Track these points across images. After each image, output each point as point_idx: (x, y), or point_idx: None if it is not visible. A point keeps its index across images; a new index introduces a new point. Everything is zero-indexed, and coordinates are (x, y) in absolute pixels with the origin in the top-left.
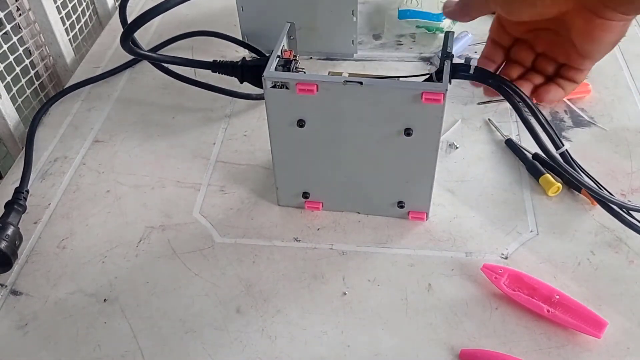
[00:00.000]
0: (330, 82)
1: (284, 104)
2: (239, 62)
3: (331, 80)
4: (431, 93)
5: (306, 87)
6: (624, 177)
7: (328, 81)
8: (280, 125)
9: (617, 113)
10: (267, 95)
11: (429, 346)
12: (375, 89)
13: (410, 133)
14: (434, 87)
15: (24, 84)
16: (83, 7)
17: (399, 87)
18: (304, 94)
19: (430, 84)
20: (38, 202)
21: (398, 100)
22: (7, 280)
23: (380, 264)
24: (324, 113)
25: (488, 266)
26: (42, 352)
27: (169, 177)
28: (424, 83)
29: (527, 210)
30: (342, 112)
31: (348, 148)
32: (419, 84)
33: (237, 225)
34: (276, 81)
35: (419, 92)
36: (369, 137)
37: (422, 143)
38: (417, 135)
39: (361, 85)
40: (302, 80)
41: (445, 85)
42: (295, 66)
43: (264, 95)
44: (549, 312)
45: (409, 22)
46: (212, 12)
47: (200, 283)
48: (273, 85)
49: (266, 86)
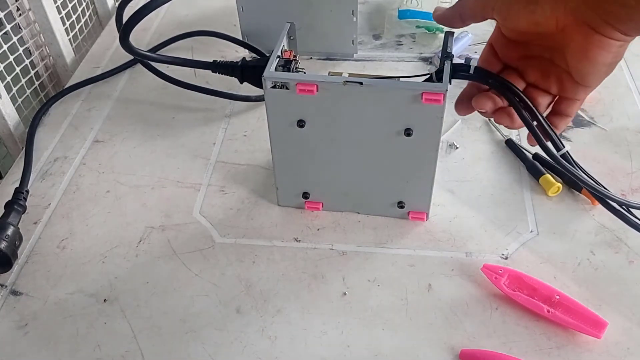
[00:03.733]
0: (330, 82)
1: (284, 104)
2: (239, 63)
3: (331, 80)
4: (431, 93)
5: (306, 88)
6: (624, 177)
7: (328, 81)
8: (280, 126)
9: (617, 113)
10: (267, 95)
11: (429, 346)
12: (375, 89)
13: (410, 133)
14: (434, 87)
15: (24, 84)
16: (83, 7)
17: (398, 87)
18: (304, 94)
19: (431, 84)
20: (38, 202)
21: (398, 100)
22: (7, 281)
23: (381, 264)
24: (324, 113)
25: (488, 266)
26: (42, 352)
27: (169, 177)
28: (424, 83)
29: (527, 210)
30: (342, 112)
31: (348, 148)
32: (419, 84)
33: (237, 226)
34: (276, 81)
35: (419, 93)
36: (369, 137)
37: (422, 143)
38: (417, 136)
39: (361, 85)
40: (302, 80)
41: (446, 85)
42: (295, 66)
43: (264, 96)
44: (549, 313)
45: (409, 22)
46: (212, 12)
47: (200, 283)
48: (273, 86)
49: (266, 86)
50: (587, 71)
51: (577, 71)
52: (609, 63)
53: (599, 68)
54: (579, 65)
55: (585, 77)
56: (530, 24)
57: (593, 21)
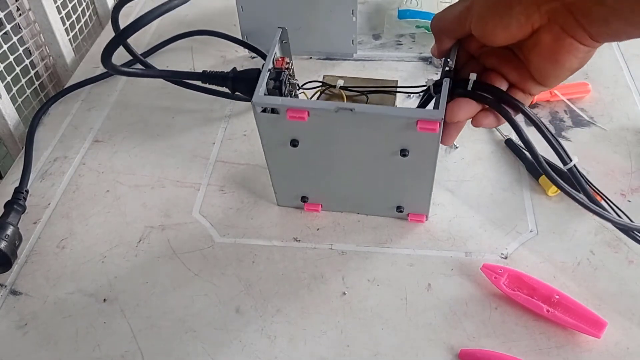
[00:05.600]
0: (321, 109)
1: (275, 127)
2: (230, 73)
3: (322, 107)
4: (426, 122)
5: (297, 114)
6: (624, 177)
7: (319, 107)
8: (273, 145)
9: (616, 113)
10: (257, 118)
11: (429, 346)
12: (367, 116)
13: (406, 154)
14: (429, 115)
15: (24, 84)
16: (83, 7)
17: (392, 114)
18: (295, 120)
19: (426, 111)
20: (38, 202)
21: (392, 127)
22: (6, 280)
23: (380, 264)
24: (317, 136)
25: (488, 266)
26: (42, 352)
27: (169, 176)
28: (419, 110)
29: (526, 210)
30: (335, 135)
31: (343, 165)
32: (413, 112)
33: (237, 225)
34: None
35: (413, 121)
36: (364, 157)
37: (419, 163)
38: (413, 157)
39: (353, 112)
40: (292, 106)
41: (442, 113)
42: (287, 77)
43: (255, 118)
44: (549, 312)
45: (409, 22)
46: (212, 12)
47: (200, 283)
48: (263, 110)
49: (256, 111)
50: (549, 73)
51: (539, 71)
52: (574, 68)
53: (563, 72)
54: (542, 65)
55: (546, 78)
56: (508, 37)
57: (567, 23)
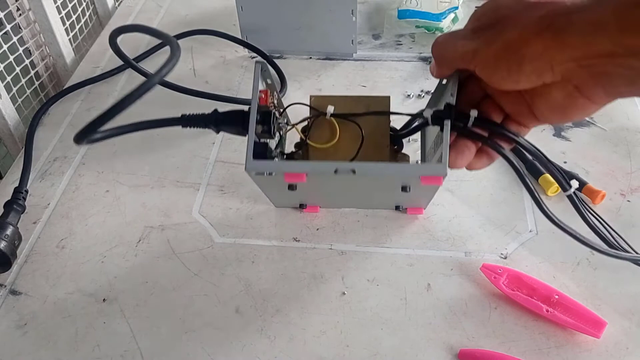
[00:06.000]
0: (319, 171)
1: (272, 180)
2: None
3: (321, 169)
4: (431, 178)
5: (295, 177)
6: (624, 176)
7: (317, 170)
8: (271, 189)
9: (616, 113)
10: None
11: (428, 346)
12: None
13: (407, 190)
14: (433, 171)
15: (24, 84)
16: (83, 7)
17: (394, 173)
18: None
19: (429, 167)
20: (37, 202)
21: (394, 182)
22: (6, 280)
23: (380, 264)
24: (316, 189)
25: (487, 266)
26: (42, 352)
27: (168, 176)
28: (422, 167)
29: (526, 209)
30: (336, 186)
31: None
32: (416, 168)
33: (237, 225)
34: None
35: (417, 177)
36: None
37: (420, 194)
38: (415, 191)
39: (354, 173)
40: (289, 171)
41: (445, 168)
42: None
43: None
44: (548, 312)
45: (409, 22)
46: (212, 11)
47: (200, 283)
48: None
49: (251, 175)
50: (553, 119)
51: (543, 116)
52: (579, 119)
53: (566, 120)
54: (548, 114)
55: (548, 120)
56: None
57: (583, 83)
